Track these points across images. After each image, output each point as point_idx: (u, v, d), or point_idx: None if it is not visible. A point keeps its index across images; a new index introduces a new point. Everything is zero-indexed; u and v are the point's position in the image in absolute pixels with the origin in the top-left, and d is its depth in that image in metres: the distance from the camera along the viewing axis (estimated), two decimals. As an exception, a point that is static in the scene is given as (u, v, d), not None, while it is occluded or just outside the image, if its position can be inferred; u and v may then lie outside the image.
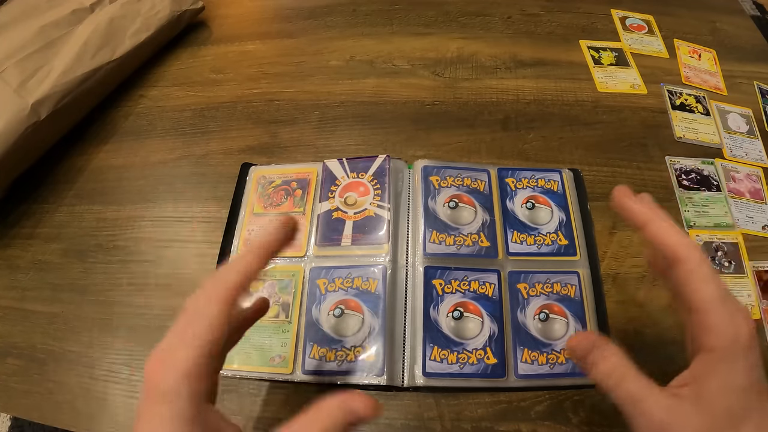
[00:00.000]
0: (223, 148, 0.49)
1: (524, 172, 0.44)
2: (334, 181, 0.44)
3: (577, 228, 0.41)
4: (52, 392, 0.37)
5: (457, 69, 0.55)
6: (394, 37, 0.59)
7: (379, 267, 0.38)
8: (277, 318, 0.38)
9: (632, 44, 0.58)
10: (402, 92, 0.53)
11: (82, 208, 0.46)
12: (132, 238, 0.44)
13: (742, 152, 0.49)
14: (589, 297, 0.38)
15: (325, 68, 0.56)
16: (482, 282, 0.38)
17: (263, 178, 0.45)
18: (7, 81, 0.45)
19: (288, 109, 0.52)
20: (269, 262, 0.24)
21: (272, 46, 0.59)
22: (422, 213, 0.41)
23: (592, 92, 0.52)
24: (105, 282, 0.42)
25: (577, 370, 0.35)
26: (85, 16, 0.53)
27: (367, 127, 0.50)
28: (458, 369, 0.35)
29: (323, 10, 0.62)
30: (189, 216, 0.45)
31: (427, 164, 0.43)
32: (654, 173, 0.46)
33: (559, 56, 0.56)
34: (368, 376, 0.34)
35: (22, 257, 0.44)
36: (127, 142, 0.51)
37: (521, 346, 0.36)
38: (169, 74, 0.57)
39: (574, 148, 0.48)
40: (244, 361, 0.36)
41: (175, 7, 0.57)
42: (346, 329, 0.36)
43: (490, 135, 0.49)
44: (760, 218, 0.44)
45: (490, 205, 0.42)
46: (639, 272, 0.40)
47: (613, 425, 0.34)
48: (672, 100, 0.52)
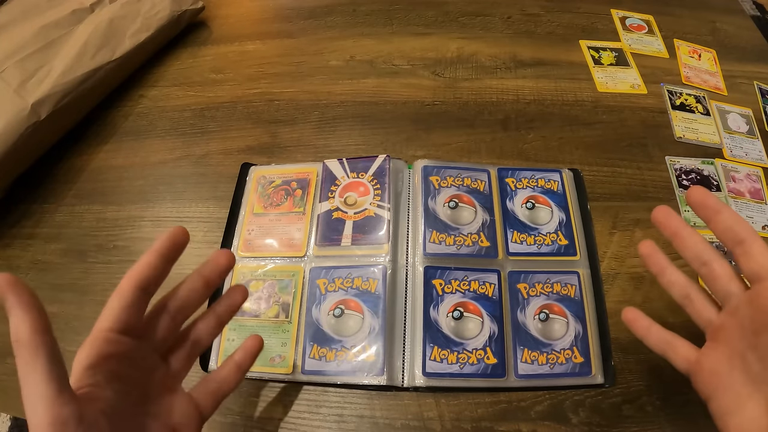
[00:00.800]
0: (223, 148, 0.49)
1: (524, 172, 0.44)
2: (334, 181, 0.44)
3: (577, 228, 0.41)
4: (52, 392, 0.37)
5: (457, 69, 0.55)
6: (394, 37, 0.59)
7: (379, 267, 0.38)
8: (277, 318, 0.38)
9: (632, 44, 0.58)
10: (402, 92, 0.53)
11: (82, 208, 0.46)
12: (132, 238, 0.44)
13: (742, 152, 0.49)
14: (589, 297, 0.38)
15: (325, 68, 0.56)
16: (482, 282, 0.38)
17: (263, 178, 0.45)
18: (7, 81, 0.45)
19: (288, 109, 0.52)
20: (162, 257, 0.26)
21: (272, 46, 0.59)
22: (422, 213, 0.41)
23: (592, 92, 0.52)
24: (105, 282, 0.42)
25: (577, 370, 0.35)
26: (85, 16, 0.53)
27: (367, 127, 0.50)
28: (458, 369, 0.35)
29: (323, 10, 0.62)
30: (189, 216, 0.45)
31: (427, 164, 0.43)
32: (654, 173, 0.46)
33: (559, 56, 0.56)
34: (368, 376, 0.34)
35: (22, 257, 0.44)
36: (127, 142, 0.51)
37: (521, 346, 0.36)
38: (169, 74, 0.57)
39: (574, 148, 0.48)
40: (244, 361, 0.36)
41: (175, 7, 0.57)
42: (346, 329, 0.36)
43: (490, 135, 0.49)
44: (760, 218, 0.44)
45: (490, 205, 0.42)
46: (639, 272, 0.40)
47: (612, 425, 0.34)
48: (672, 100, 0.52)
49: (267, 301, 0.38)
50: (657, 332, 0.29)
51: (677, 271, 0.28)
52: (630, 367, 0.36)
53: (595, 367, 0.35)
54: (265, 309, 0.38)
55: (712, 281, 0.26)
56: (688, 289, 0.28)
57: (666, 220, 0.28)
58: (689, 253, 0.27)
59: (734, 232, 0.25)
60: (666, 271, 0.29)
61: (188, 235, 0.26)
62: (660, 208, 0.28)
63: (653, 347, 0.29)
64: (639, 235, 0.42)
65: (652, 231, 0.43)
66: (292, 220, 0.42)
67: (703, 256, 0.26)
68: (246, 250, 0.41)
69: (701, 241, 0.27)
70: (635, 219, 0.43)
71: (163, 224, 0.45)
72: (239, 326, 0.38)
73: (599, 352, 0.36)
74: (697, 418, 0.24)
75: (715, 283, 0.26)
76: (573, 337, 0.36)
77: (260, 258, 0.41)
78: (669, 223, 0.28)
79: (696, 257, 0.27)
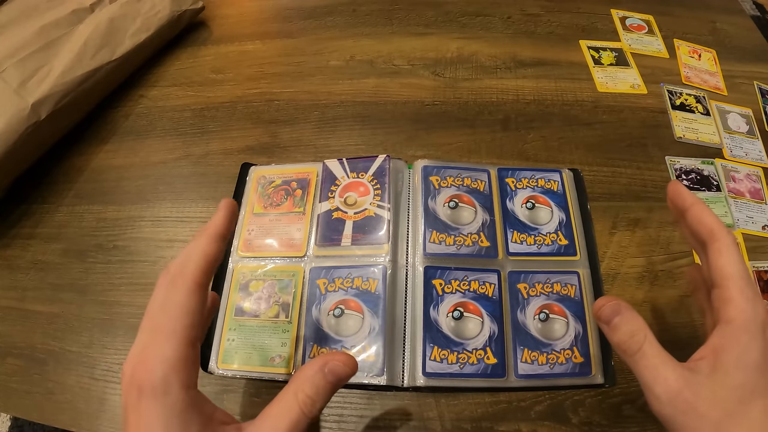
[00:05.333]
0: (223, 148, 0.49)
1: (524, 172, 0.44)
2: (334, 181, 0.44)
3: (577, 228, 0.41)
4: (52, 392, 0.37)
5: (457, 69, 0.55)
6: (394, 37, 0.59)
7: (379, 267, 0.38)
8: (277, 318, 0.38)
9: (632, 44, 0.58)
10: (402, 92, 0.53)
11: (82, 208, 0.46)
12: (132, 238, 0.44)
13: (742, 152, 0.49)
14: (589, 297, 0.38)
15: (325, 68, 0.56)
16: (482, 282, 0.38)
17: (263, 178, 0.45)
18: (7, 81, 0.45)
19: (288, 109, 0.52)
20: (223, 246, 0.24)
21: (272, 46, 0.59)
22: (422, 213, 0.41)
23: (592, 92, 0.52)
24: (105, 282, 0.42)
25: (577, 370, 0.35)
26: (85, 16, 0.53)
27: (367, 127, 0.50)
28: (458, 369, 0.35)
29: (323, 10, 0.62)
30: (189, 216, 0.45)
31: (427, 164, 0.43)
32: (654, 173, 0.46)
33: (559, 56, 0.56)
34: (368, 376, 0.34)
35: (22, 257, 0.44)
36: (127, 142, 0.51)
37: (521, 346, 0.36)
38: (169, 74, 0.57)
39: (574, 148, 0.48)
40: (244, 361, 0.36)
41: (175, 7, 0.57)
42: (346, 329, 0.36)
43: (490, 135, 0.49)
44: (760, 218, 0.44)
45: (490, 205, 0.42)
46: (639, 272, 0.40)
47: (612, 425, 0.34)
48: (672, 100, 0.52)
49: (267, 301, 0.38)
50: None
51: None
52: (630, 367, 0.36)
53: (595, 367, 0.35)
54: (265, 309, 0.38)
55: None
56: None
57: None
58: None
59: (706, 226, 0.25)
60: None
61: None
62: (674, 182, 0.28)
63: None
64: (639, 235, 0.42)
65: (651, 231, 0.43)
66: (292, 220, 0.42)
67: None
68: (246, 250, 0.41)
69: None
70: (635, 219, 0.43)
71: (163, 224, 0.45)
72: (239, 326, 0.38)
73: (599, 352, 0.36)
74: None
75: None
76: (573, 337, 0.36)
77: (260, 258, 0.41)
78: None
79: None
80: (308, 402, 0.22)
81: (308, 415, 0.22)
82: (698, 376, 0.22)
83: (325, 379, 0.23)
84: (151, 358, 0.20)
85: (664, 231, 0.43)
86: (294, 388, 0.22)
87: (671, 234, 0.43)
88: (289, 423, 0.21)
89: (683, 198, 0.27)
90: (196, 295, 0.21)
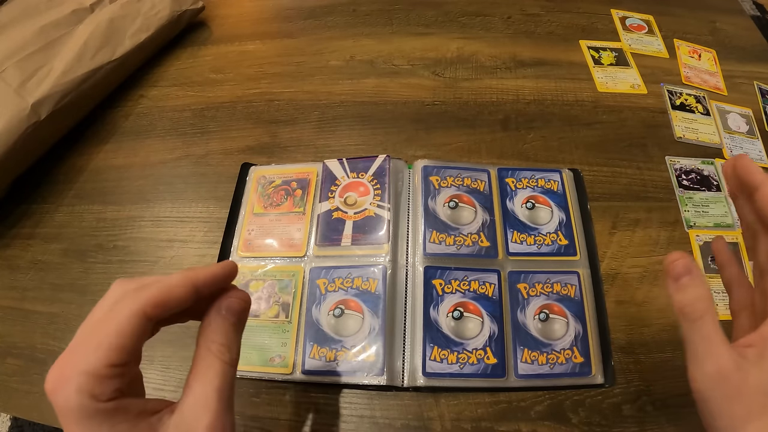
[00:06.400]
0: (223, 148, 0.49)
1: (524, 172, 0.44)
2: (334, 181, 0.44)
3: (577, 228, 0.41)
4: (52, 392, 0.37)
5: (457, 69, 0.55)
6: (394, 37, 0.59)
7: (379, 267, 0.38)
8: (277, 318, 0.38)
9: (632, 44, 0.58)
10: (402, 92, 0.53)
11: (82, 208, 0.46)
12: (132, 238, 0.44)
13: (742, 152, 0.49)
14: (589, 297, 0.38)
15: (325, 68, 0.56)
16: (482, 282, 0.38)
17: (263, 178, 0.45)
18: (7, 81, 0.45)
19: (288, 109, 0.52)
20: (194, 297, 0.22)
21: (272, 46, 0.59)
22: (422, 213, 0.41)
23: (592, 92, 0.52)
24: (105, 282, 0.42)
25: (577, 370, 0.35)
26: (85, 16, 0.53)
27: (367, 127, 0.50)
28: (458, 369, 0.35)
29: (323, 10, 0.62)
30: (189, 216, 0.45)
31: (427, 164, 0.43)
32: (654, 173, 0.46)
33: (559, 56, 0.56)
34: (368, 376, 0.34)
35: (22, 257, 0.44)
36: (127, 142, 0.51)
37: (521, 346, 0.36)
38: (169, 74, 0.57)
39: (574, 148, 0.48)
40: (244, 361, 0.36)
41: (175, 7, 0.57)
42: (346, 329, 0.36)
43: (490, 135, 0.49)
44: (760, 218, 0.44)
45: (490, 205, 0.42)
46: (639, 272, 0.40)
47: (612, 425, 0.34)
48: (672, 100, 0.52)
49: (267, 301, 0.38)
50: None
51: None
52: (630, 367, 0.36)
53: (595, 367, 0.35)
54: (265, 309, 0.38)
55: None
56: None
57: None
58: None
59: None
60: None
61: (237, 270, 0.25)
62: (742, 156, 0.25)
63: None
64: (639, 235, 0.42)
65: (651, 231, 0.43)
66: (292, 220, 0.42)
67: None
68: (246, 250, 0.41)
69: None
70: (635, 219, 0.43)
71: (163, 224, 0.45)
72: (239, 326, 0.38)
73: (599, 352, 0.36)
74: (697, 418, 0.24)
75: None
76: (573, 337, 0.36)
77: (260, 258, 0.41)
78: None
79: None
80: (223, 350, 0.22)
81: (229, 363, 0.22)
82: (746, 362, 0.22)
83: (227, 321, 0.23)
84: (66, 374, 0.19)
85: (664, 231, 0.43)
86: (205, 344, 0.22)
87: (671, 234, 0.43)
88: (216, 376, 0.21)
89: (753, 175, 0.23)
90: (139, 322, 0.20)
